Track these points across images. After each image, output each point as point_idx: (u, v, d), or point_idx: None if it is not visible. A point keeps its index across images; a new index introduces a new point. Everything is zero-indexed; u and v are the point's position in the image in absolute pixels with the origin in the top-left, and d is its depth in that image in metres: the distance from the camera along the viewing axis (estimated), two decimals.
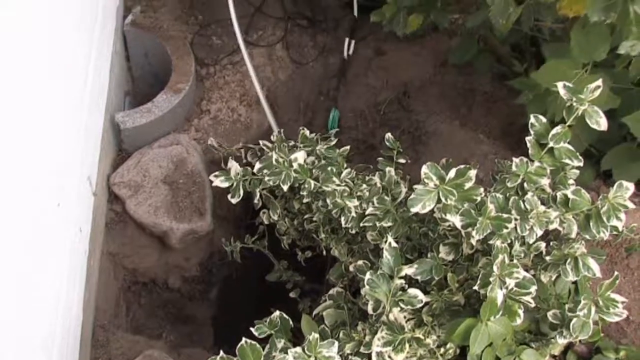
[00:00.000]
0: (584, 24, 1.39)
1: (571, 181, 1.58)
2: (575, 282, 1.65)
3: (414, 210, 1.43)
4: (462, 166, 1.44)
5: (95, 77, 1.99)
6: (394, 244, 1.49)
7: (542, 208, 1.48)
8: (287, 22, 2.56)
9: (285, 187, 1.68)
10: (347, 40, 2.52)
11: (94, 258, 2.04)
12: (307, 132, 1.90)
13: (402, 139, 2.26)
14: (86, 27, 1.92)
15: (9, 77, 1.31)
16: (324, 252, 1.95)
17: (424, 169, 1.44)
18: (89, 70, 1.94)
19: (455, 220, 1.45)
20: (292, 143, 1.92)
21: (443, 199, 1.43)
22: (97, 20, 2.03)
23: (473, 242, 1.50)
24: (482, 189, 1.46)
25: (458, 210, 1.44)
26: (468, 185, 1.44)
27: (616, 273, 1.54)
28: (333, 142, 1.89)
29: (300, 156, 1.69)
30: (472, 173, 1.43)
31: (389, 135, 1.87)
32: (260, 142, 1.87)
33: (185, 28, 2.46)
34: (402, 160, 1.87)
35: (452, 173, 1.43)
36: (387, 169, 1.76)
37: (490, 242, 1.49)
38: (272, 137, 1.95)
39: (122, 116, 2.23)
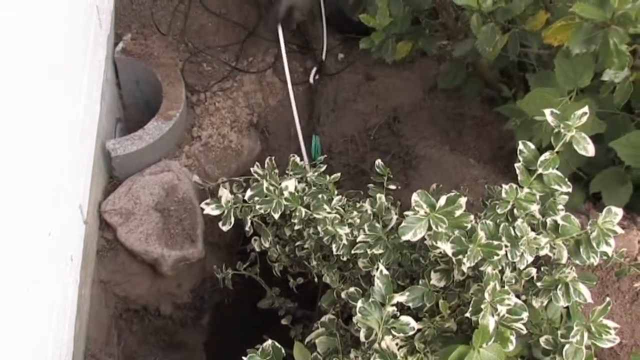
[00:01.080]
0: (568, 53, 1.41)
1: (560, 206, 1.59)
2: (567, 307, 1.65)
3: (404, 238, 1.43)
4: (452, 194, 1.45)
5: (86, 104, 2.00)
6: (385, 272, 1.49)
7: (532, 234, 1.49)
8: (278, 48, 2.59)
9: (276, 216, 1.69)
10: (314, 70, 2.58)
11: (85, 287, 2.03)
12: (298, 159, 1.91)
13: (392, 163, 2.27)
14: (77, 55, 1.93)
15: None
16: (316, 279, 1.95)
17: (415, 197, 1.44)
18: (80, 98, 1.94)
19: (446, 247, 1.45)
20: None
21: (434, 227, 1.43)
22: (87, 48, 2.04)
23: (464, 268, 1.51)
24: (472, 216, 1.47)
25: (449, 237, 1.45)
26: (458, 212, 1.44)
27: (608, 299, 1.55)
28: (323, 169, 1.90)
29: (290, 184, 1.70)
30: (462, 200, 1.44)
31: (379, 161, 1.88)
32: (252, 169, 1.87)
33: (175, 55, 2.47)
34: (392, 187, 1.88)
35: (442, 201, 1.44)
36: (378, 195, 1.77)
37: (482, 268, 1.49)
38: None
39: (113, 144, 2.24)
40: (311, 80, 2.54)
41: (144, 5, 2.54)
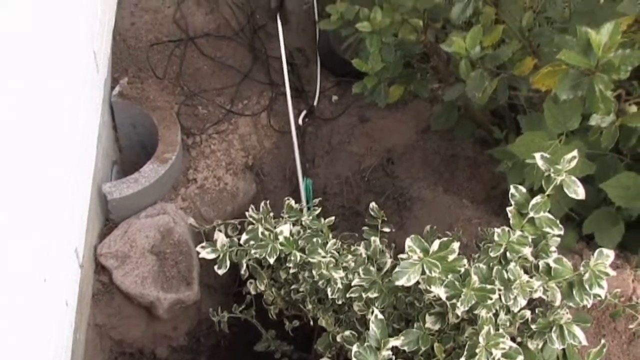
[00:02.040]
0: (556, 99, 1.45)
1: (553, 248, 1.60)
2: (563, 348, 1.65)
3: (399, 283, 1.44)
4: (445, 239, 1.46)
5: (82, 147, 2.02)
6: (380, 316, 1.50)
7: (525, 277, 1.50)
8: (272, 91, 2.63)
9: (271, 260, 1.69)
10: (303, 113, 2.61)
11: (80, 331, 2.02)
12: (293, 202, 1.92)
13: (386, 205, 2.29)
14: (73, 99, 1.95)
15: None
16: (312, 322, 1.95)
17: (408, 242, 1.45)
18: (77, 141, 1.96)
19: (440, 291, 1.46)
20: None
21: (427, 272, 1.44)
22: (84, 92, 2.07)
23: (458, 312, 1.51)
24: (465, 260, 1.48)
25: (442, 282, 1.46)
26: (452, 257, 1.46)
27: (603, 341, 1.55)
28: (317, 212, 1.91)
29: (285, 229, 1.71)
30: (455, 245, 1.45)
31: (373, 204, 1.89)
32: (247, 213, 1.89)
33: (171, 98, 2.50)
34: (386, 229, 1.89)
35: (435, 245, 1.45)
36: (372, 238, 1.79)
37: (476, 311, 1.49)
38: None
39: (109, 187, 2.25)
40: (300, 122, 2.57)
41: (141, 49, 2.59)
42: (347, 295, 1.69)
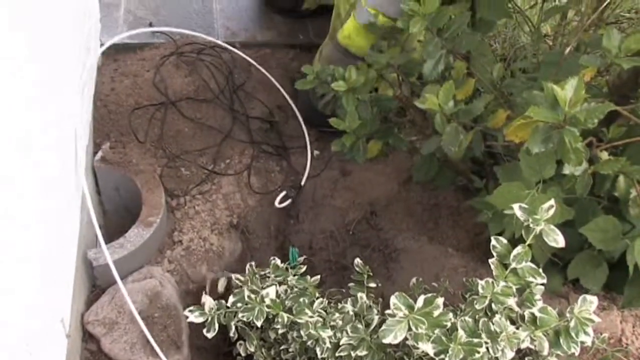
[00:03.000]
0: (529, 151, 1.48)
1: (537, 297, 1.62)
2: None
3: (386, 341, 1.45)
4: (429, 295, 1.47)
5: (66, 214, 2.02)
6: None
7: (511, 329, 1.51)
8: (254, 149, 2.65)
9: (258, 323, 1.70)
10: (282, 193, 2.61)
11: None
12: (279, 262, 1.93)
13: (372, 257, 2.30)
14: (54, 167, 1.96)
15: None
16: None
17: (393, 300, 1.47)
18: (60, 208, 1.96)
19: (428, 348, 1.46)
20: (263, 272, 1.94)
21: (414, 328, 1.45)
22: (66, 162, 2.07)
23: None
24: (450, 315, 1.49)
25: (429, 337, 1.46)
26: (437, 312, 1.47)
27: None
28: (302, 270, 1.92)
29: (271, 291, 1.72)
30: (440, 300, 1.46)
31: (357, 260, 1.91)
32: (233, 276, 1.89)
33: (154, 161, 2.52)
34: (372, 285, 1.90)
35: (420, 302, 1.46)
36: (359, 295, 1.79)
37: None
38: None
39: (94, 253, 2.24)
40: (277, 204, 2.56)
41: (122, 114, 2.61)
42: (337, 354, 1.69)
